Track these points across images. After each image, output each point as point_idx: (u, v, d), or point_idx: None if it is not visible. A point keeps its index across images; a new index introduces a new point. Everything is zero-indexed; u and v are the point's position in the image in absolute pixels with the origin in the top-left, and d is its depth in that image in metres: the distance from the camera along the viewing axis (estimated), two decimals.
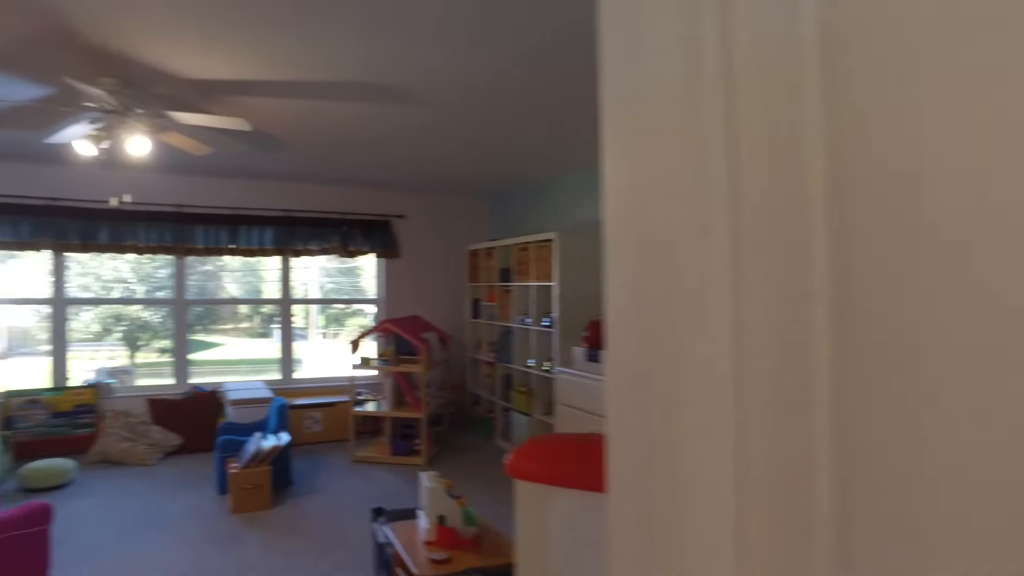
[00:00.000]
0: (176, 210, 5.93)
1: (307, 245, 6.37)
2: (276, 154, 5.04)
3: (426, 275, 7.03)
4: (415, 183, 6.47)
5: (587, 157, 5.06)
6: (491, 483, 4.89)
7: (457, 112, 3.83)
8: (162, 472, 5.14)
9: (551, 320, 5.35)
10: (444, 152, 4.98)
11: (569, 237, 5.27)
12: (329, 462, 5.50)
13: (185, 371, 6.19)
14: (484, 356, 6.55)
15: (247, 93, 3.46)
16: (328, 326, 8.43)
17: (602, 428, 2.75)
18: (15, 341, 7.25)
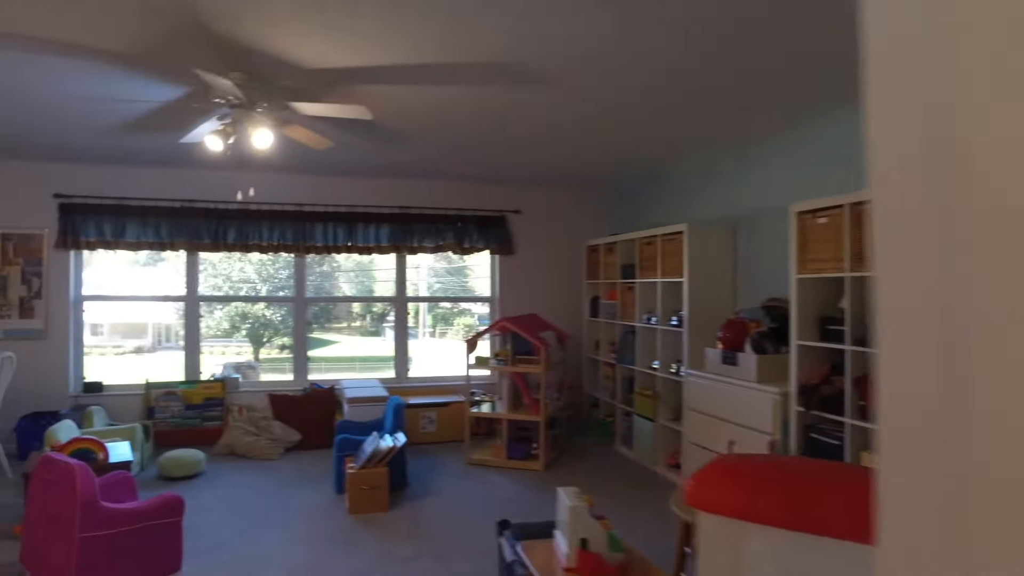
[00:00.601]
0: (296, 209, 6.02)
1: (422, 242, 6.29)
2: (394, 148, 4.94)
3: (541, 272, 6.78)
4: (532, 177, 6.23)
5: (734, 136, 4.61)
6: (616, 494, 4.55)
7: (592, 93, 3.54)
8: (283, 467, 5.18)
9: (680, 319, 4.93)
10: (569, 140, 4.69)
11: (700, 230, 4.83)
12: (443, 463, 5.36)
13: (304, 368, 6.28)
14: (603, 357, 6.21)
15: (369, 81, 3.32)
16: (436, 325, 8.41)
17: (737, 435, 2.30)
18: (159, 336, 7.72)
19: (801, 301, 3.68)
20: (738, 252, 4.92)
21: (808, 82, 3.38)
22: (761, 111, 3.91)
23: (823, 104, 3.74)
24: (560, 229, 6.85)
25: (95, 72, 3.21)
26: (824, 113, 3.89)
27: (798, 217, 3.67)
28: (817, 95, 3.59)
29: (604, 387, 6.21)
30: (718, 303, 4.88)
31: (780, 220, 4.41)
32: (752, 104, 3.77)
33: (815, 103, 3.73)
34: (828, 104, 3.73)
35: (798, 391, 3.66)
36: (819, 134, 4.14)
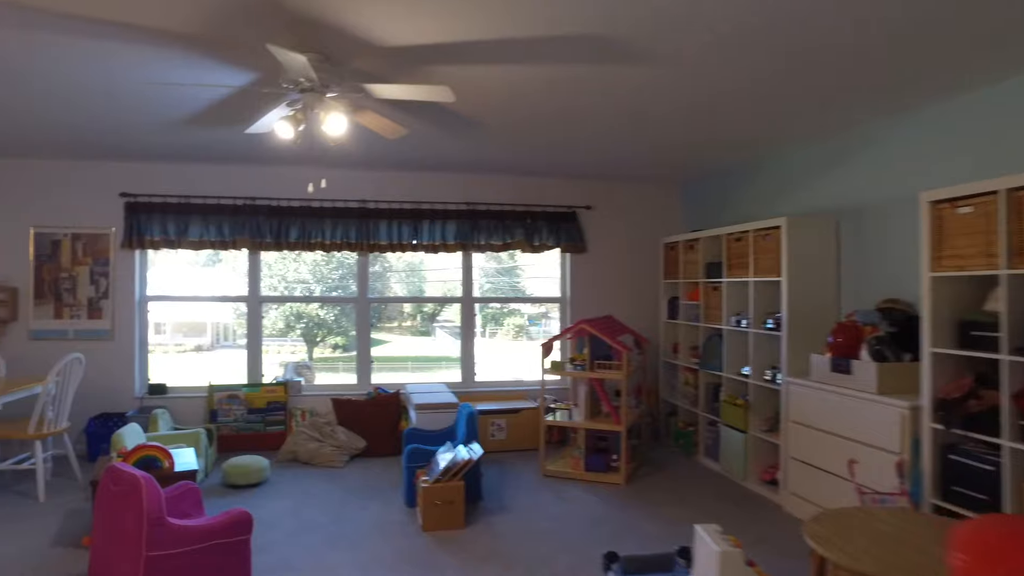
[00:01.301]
0: (360, 206, 5.80)
1: (490, 240, 5.99)
2: (463, 139, 4.65)
3: (614, 271, 6.40)
4: (605, 171, 5.85)
5: (843, 121, 4.14)
6: (709, 512, 4.15)
7: (688, 69, 3.15)
8: (348, 476, 4.94)
9: (777, 322, 4.48)
10: (655, 128, 4.30)
11: (801, 224, 4.38)
12: (517, 474, 5.03)
13: (368, 371, 6.05)
14: (683, 361, 5.78)
15: (448, 60, 3.02)
16: (485, 325, 8.15)
17: (853, 452, 2.39)
18: (218, 335, 7.68)
19: (935, 302, 3.20)
20: (842, 248, 4.44)
21: (943, 59, 2.92)
22: (881, 92, 3.44)
23: (953, 83, 3.26)
24: (634, 226, 6.45)
25: (160, 58, 3.00)
26: (951, 94, 3.41)
27: (932, 207, 3.20)
28: (950, 73, 3.11)
29: (684, 394, 5.79)
30: (820, 305, 4.42)
31: (897, 212, 3.93)
32: (873, 85, 3.31)
33: (944, 82, 3.25)
34: (958, 84, 3.24)
35: (935, 405, 3.19)
36: (942, 117, 3.64)
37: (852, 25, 2.65)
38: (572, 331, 4.95)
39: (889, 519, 2.64)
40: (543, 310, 7.21)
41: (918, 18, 2.57)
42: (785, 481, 4.30)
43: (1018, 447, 2.81)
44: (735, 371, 4.98)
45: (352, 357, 6.16)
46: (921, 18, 2.57)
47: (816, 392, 3.96)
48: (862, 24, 2.63)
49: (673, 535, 3.80)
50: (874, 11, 2.52)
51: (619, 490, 4.67)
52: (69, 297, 5.52)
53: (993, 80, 3.27)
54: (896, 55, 2.96)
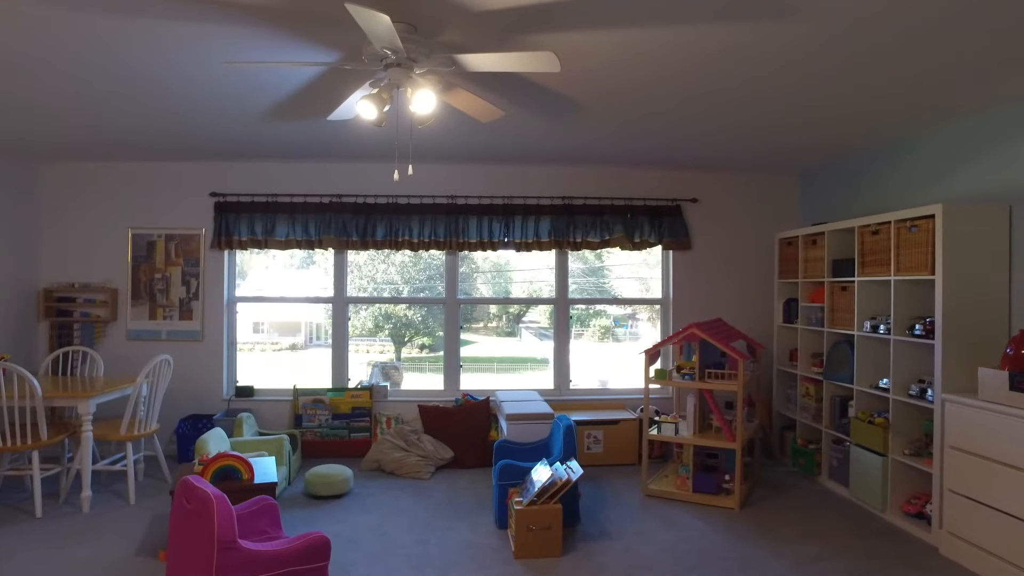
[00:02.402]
0: (449, 202, 5.51)
1: (587, 236, 5.55)
2: (559, 125, 4.25)
3: (722, 270, 5.82)
4: (713, 160, 5.29)
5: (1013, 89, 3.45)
6: (849, 550, 3.55)
7: (844, 21, 2.61)
8: (435, 489, 4.63)
9: (928, 328, 3.82)
10: (782, 102, 3.74)
11: (960, 212, 3.69)
12: (616, 493, 4.57)
13: (456, 376, 5.76)
14: (802, 371, 5.14)
15: (552, 26, 2.63)
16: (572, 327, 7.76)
17: None
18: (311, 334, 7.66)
19: None
20: (1013, 241, 3.71)
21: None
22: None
23: None
24: (744, 220, 5.84)
25: (236, 36, 2.77)
26: None
27: None
28: None
29: (803, 407, 5.14)
30: (986, 309, 3.71)
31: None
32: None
33: None
34: None
35: None
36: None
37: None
38: (681, 336, 4.44)
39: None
40: (630, 311, 6.73)
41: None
42: (940, 517, 3.63)
43: None
44: (869, 384, 4.32)
45: (439, 357, 5.90)
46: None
47: (986, 414, 3.29)
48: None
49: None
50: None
51: (733, 516, 4.12)
52: (162, 298, 5.52)
53: None
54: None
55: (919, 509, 3.91)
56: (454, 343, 5.77)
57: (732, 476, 4.39)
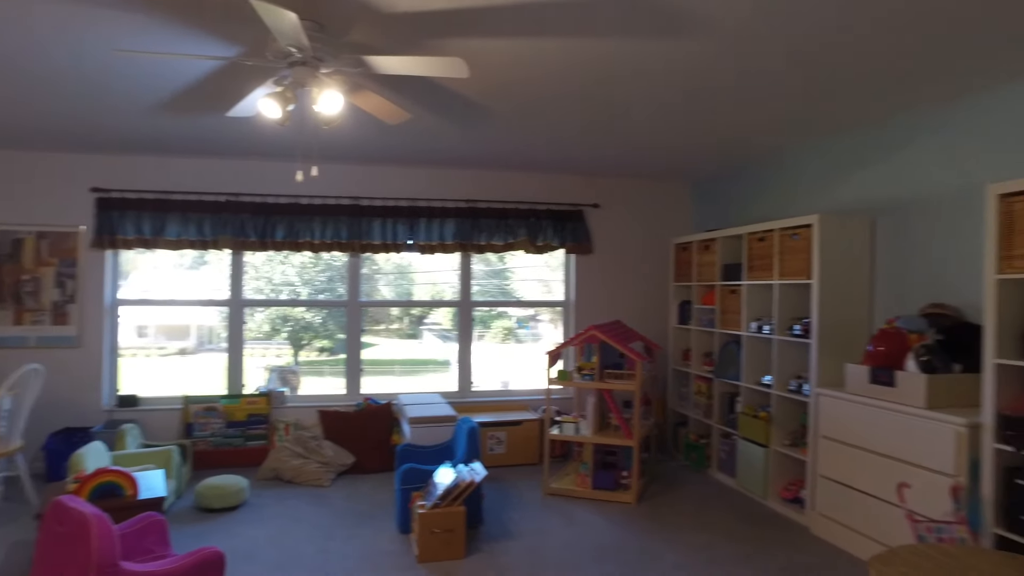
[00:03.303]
0: (353, 203, 5.40)
1: (491, 239, 5.60)
2: (465, 129, 4.27)
3: (621, 273, 6.04)
4: (614, 167, 5.49)
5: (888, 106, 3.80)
6: (735, 535, 3.78)
7: (726, 42, 2.78)
8: (336, 496, 4.53)
9: (805, 328, 4.14)
10: (678, 116, 3.94)
11: (835, 222, 4.03)
12: (518, 493, 4.65)
13: (357, 380, 5.64)
14: (695, 369, 5.43)
15: (461, 31, 2.64)
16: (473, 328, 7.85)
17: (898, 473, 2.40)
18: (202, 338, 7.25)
19: (1001, 308, 2.87)
20: (876, 248, 4.10)
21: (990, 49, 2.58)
22: (926, 80, 3.11)
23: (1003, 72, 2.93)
24: (643, 225, 6.10)
25: (129, 25, 2.60)
26: (1007, 79, 3.08)
27: (1001, 201, 2.86)
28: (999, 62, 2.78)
29: (696, 404, 5.43)
30: (853, 310, 4.08)
31: (946, 207, 3.60)
32: (916, 73, 2.98)
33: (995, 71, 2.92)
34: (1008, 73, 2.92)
35: (1001, 424, 2.85)
36: (997, 103, 3.32)
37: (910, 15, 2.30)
38: (582, 337, 4.57)
39: (971, 560, 2.29)
40: (531, 313, 6.86)
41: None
42: (812, 501, 3.95)
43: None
44: (754, 380, 4.63)
45: (339, 361, 5.76)
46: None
47: (852, 405, 3.61)
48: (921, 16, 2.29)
49: (698, 565, 3.43)
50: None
51: (631, 510, 4.29)
52: (31, 301, 5.07)
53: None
54: (960, 30, 2.62)
55: (795, 494, 4.23)
56: (356, 346, 5.65)
57: (630, 472, 4.57)
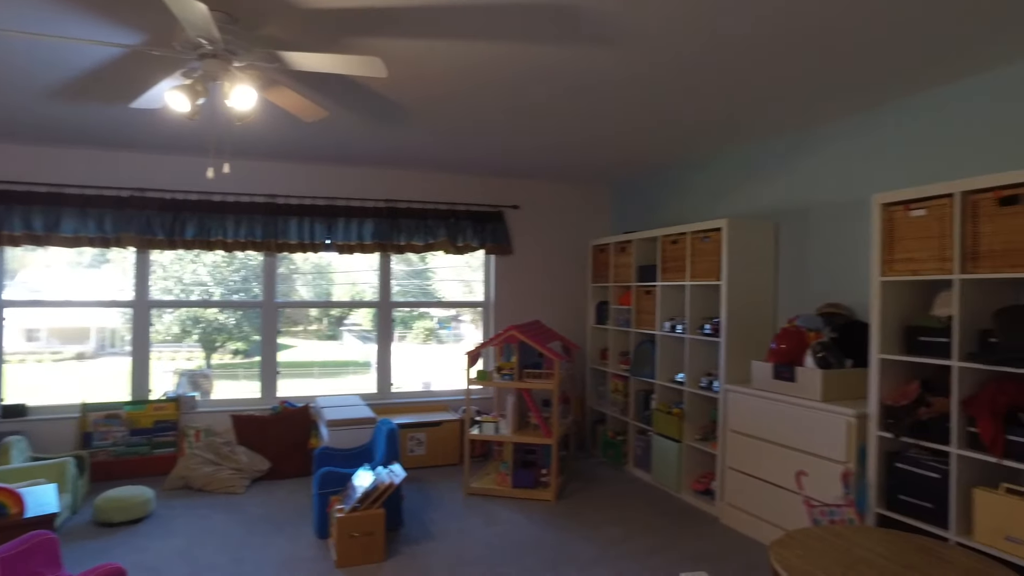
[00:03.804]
0: (268, 201, 5.23)
1: (410, 240, 5.56)
2: (384, 128, 4.23)
3: (541, 274, 6.13)
4: (533, 169, 5.57)
5: (784, 122, 4.04)
6: (652, 528, 3.92)
7: (641, 51, 2.89)
8: (250, 503, 4.38)
9: (715, 327, 4.35)
10: (592, 121, 4.04)
11: (742, 226, 4.25)
12: (439, 494, 4.65)
13: (273, 381, 5.47)
14: (612, 368, 5.58)
15: (381, 30, 2.62)
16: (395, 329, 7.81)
17: (798, 463, 2.81)
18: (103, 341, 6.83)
19: (885, 308, 3.12)
20: (780, 252, 4.36)
21: (901, 61, 2.82)
22: (824, 97, 3.34)
23: (908, 86, 3.19)
24: (562, 227, 6.22)
25: (18, 3, 2.43)
26: (903, 96, 3.36)
27: (884, 209, 3.11)
28: (906, 76, 3.04)
29: (613, 402, 5.59)
30: (759, 310, 4.32)
31: (840, 215, 3.88)
32: (820, 86, 3.20)
33: (899, 84, 3.18)
34: (913, 86, 3.18)
35: (883, 413, 3.10)
36: (883, 120, 3.61)
37: (818, 21, 2.47)
38: (501, 338, 4.62)
39: (857, 538, 2.48)
40: (453, 313, 6.89)
41: (883, 19, 2.43)
42: (721, 492, 4.16)
43: (966, 454, 2.73)
44: (668, 378, 4.81)
45: (255, 363, 5.57)
46: (885, 19, 2.43)
47: (757, 400, 3.83)
48: (828, 21, 2.47)
49: (614, 559, 3.54)
50: (844, 8, 2.36)
51: (550, 508, 4.38)
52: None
53: (948, 82, 3.23)
54: (856, 54, 2.83)
55: (706, 486, 4.44)
56: (271, 348, 5.48)
57: (549, 470, 4.66)
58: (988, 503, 2.64)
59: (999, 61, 2.94)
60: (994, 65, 2.99)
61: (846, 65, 3.01)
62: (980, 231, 2.70)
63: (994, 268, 2.64)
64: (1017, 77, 2.97)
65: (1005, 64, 2.97)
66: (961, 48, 2.80)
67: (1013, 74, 2.98)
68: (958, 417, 2.76)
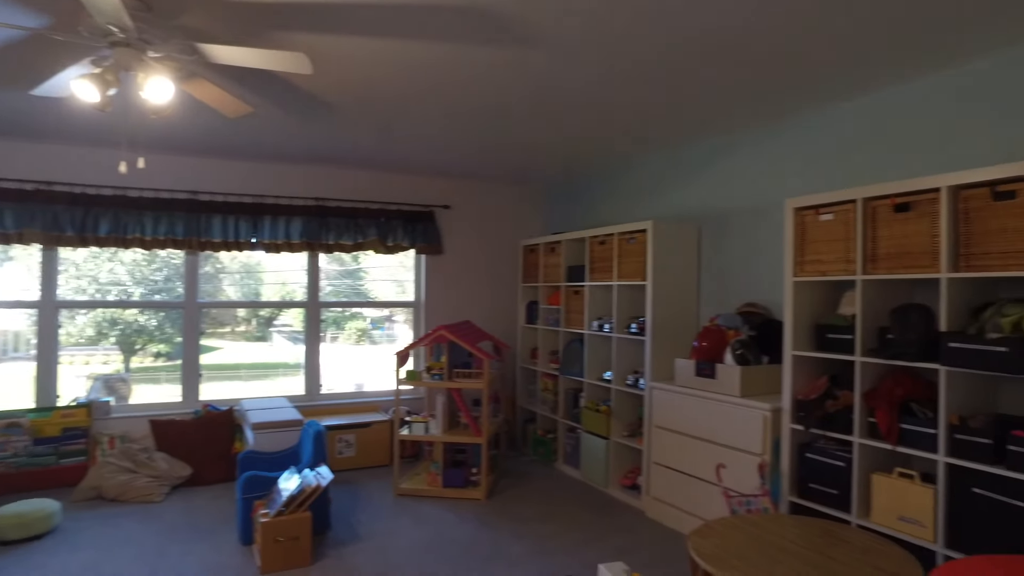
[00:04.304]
0: (190, 197, 5.03)
1: (340, 239, 5.46)
2: (312, 125, 4.15)
3: (472, 274, 6.15)
4: (464, 169, 5.58)
5: (707, 128, 4.19)
6: (578, 523, 4.00)
7: (567, 56, 2.95)
8: (169, 512, 4.22)
9: (641, 326, 4.47)
10: (522, 123, 4.09)
11: (666, 228, 4.39)
12: (368, 495, 4.59)
13: (195, 384, 5.27)
14: (542, 367, 5.66)
15: (307, 25, 2.58)
16: (326, 330, 7.70)
17: (718, 456, 3.55)
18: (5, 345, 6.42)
19: (797, 307, 3.29)
20: (702, 253, 4.53)
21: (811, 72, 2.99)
22: (745, 102, 3.50)
23: (819, 96, 3.38)
24: (493, 227, 6.25)
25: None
26: (808, 106, 3.55)
27: (796, 214, 3.28)
28: (817, 86, 3.22)
29: (543, 400, 5.66)
30: (682, 309, 4.47)
31: (757, 218, 4.07)
32: (736, 95, 3.35)
33: (810, 94, 3.37)
34: (824, 96, 3.37)
35: (795, 407, 3.27)
36: (802, 127, 3.81)
37: (733, 35, 2.59)
38: (431, 338, 4.61)
39: (770, 526, 2.61)
40: (386, 313, 6.83)
41: (796, 31, 2.57)
42: (647, 486, 4.28)
43: (866, 443, 2.92)
44: (596, 376, 4.92)
45: (177, 366, 5.35)
46: (798, 31, 2.57)
47: (680, 396, 3.97)
48: (743, 34, 2.59)
49: (542, 554, 3.60)
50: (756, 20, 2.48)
51: (481, 506, 4.40)
52: None
53: (857, 94, 3.43)
54: (768, 65, 2.98)
55: (633, 482, 4.56)
56: (194, 350, 5.28)
57: (479, 469, 4.68)
58: (884, 487, 2.84)
59: (896, 79, 3.15)
60: (892, 82, 3.20)
61: (760, 75, 3.16)
62: (879, 235, 2.89)
63: (890, 269, 2.84)
64: (911, 94, 3.19)
65: (900, 83, 3.19)
66: (859, 65, 2.99)
67: (908, 91, 3.21)
68: (860, 409, 2.95)
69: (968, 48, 2.78)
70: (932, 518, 2.66)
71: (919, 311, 2.77)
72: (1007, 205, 2.45)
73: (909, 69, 3.04)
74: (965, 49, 2.79)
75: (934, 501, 2.65)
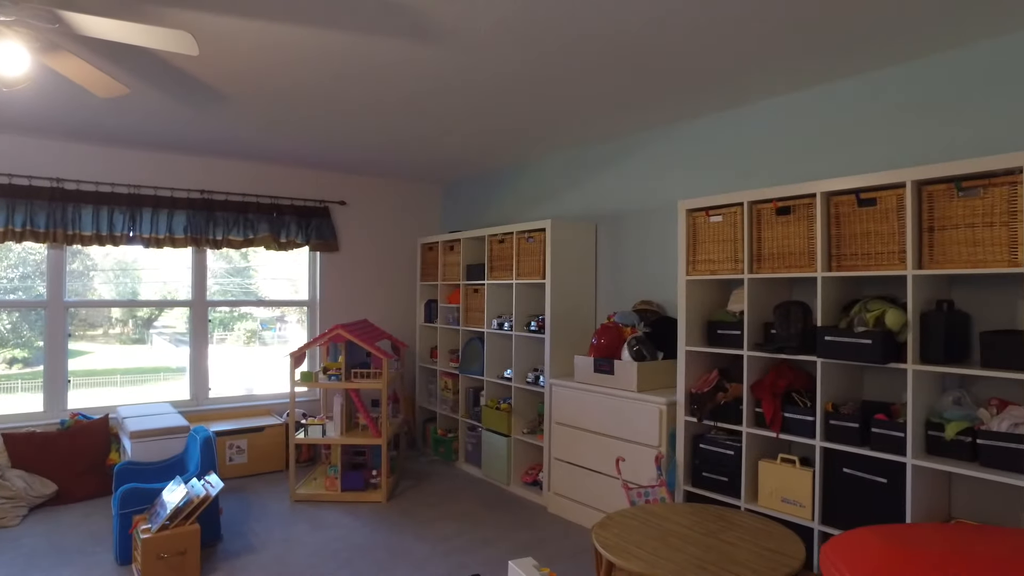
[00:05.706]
0: (55, 185, 4.58)
1: (228, 235, 5.16)
2: (203, 111, 3.89)
3: (368, 272, 5.99)
4: (361, 164, 5.43)
5: (602, 130, 4.30)
6: (480, 520, 4.00)
7: (470, 51, 2.93)
8: (29, 535, 3.82)
9: (540, 324, 4.54)
10: (418, 118, 4.03)
11: (564, 227, 4.48)
12: (262, 503, 4.38)
13: (62, 392, 4.81)
14: (441, 366, 5.61)
15: (197, 5, 2.40)
16: (214, 331, 7.29)
17: (617, 450, 3.54)
18: None
19: (689, 304, 3.46)
20: (599, 252, 4.66)
21: (706, 77, 3.15)
22: (639, 107, 3.63)
23: (712, 101, 3.56)
24: (391, 225, 6.13)
25: None
26: (701, 111, 3.74)
27: (688, 215, 3.44)
28: (696, 97, 3.39)
29: (443, 400, 5.62)
30: (581, 307, 4.58)
31: (651, 218, 4.23)
32: (631, 99, 3.47)
33: (694, 103, 3.54)
34: (717, 101, 3.56)
35: (688, 400, 3.43)
36: (694, 132, 4.00)
37: (630, 39, 2.67)
38: (327, 337, 4.46)
39: (667, 514, 2.72)
40: (278, 314, 6.54)
41: (688, 38, 2.69)
42: (548, 482, 4.35)
43: (753, 431, 3.12)
44: (497, 375, 4.94)
45: (38, 373, 4.85)
46: (690, 37, 2.69)
47: (579, 392, 4.05)
48: (639, 41, 2.68)
49: (445, 554, 3.57)
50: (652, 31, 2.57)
51: (381, 509, 4.30)
52: None
53: (749, 101, 3.63)
54: (663, 71, 3.10)
55: (534, 478, 4.62)
56: (59, 354, 4.81)
57: (379, 471, 4.58)
58: (769, 472, 3.04)
59: (790, 87, 3.38)
60: (784, 91, 3.43)
61: (654, 81, 3.28)
62: (763, 236, 3.09)
63: (773, 269, 3.04)
64: (795, 104, 3.43)
65: (792, 90, 3.42)
66: (753, 71, 3.17)
67: (792, 100, 3.45)
68: (748, 400, 3.14)
69: (844, 67, 3.02)
70: (811, 498, 2.87)
71: (799, 307, 2.98)
72: (870, 211, 2.69)
73: (803, 76, 3.26)
74: (842, 68, 3.04)
75: (812, 483, 2.87)
